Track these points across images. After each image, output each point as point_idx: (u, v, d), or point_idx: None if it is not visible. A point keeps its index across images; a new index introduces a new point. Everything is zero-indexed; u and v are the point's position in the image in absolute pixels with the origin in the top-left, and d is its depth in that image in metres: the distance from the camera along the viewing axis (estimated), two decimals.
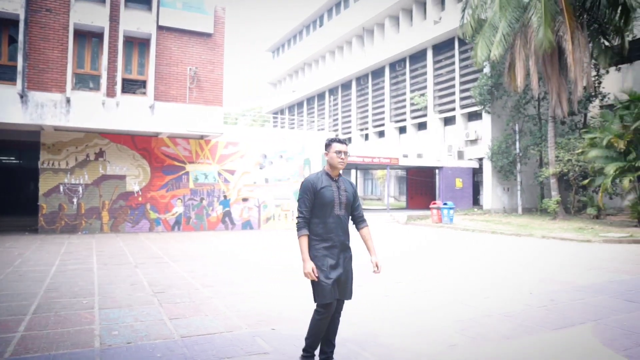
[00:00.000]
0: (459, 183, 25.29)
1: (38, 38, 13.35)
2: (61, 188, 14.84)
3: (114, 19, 14.10)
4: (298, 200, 3.65)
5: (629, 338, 4.60)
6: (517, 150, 23.69)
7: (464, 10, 21.24)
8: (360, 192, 38.76)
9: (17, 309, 5.37)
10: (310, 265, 3.46)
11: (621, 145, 16.15)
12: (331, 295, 3.48)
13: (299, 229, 3.58)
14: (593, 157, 17.57)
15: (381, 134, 34.73)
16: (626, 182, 16.03)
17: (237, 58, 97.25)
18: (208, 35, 15.66)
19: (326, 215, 3.58)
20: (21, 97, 12.96)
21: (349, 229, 3.69)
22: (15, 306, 5.51)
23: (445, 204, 20.31)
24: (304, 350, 3.69)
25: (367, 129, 35.92)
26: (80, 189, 15.07)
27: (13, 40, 13.48)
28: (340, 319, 3.75)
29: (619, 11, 17.63)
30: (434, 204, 20.70)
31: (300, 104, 47.17)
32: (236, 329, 4.78)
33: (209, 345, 4.24)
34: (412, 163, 25.51)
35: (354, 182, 36.02)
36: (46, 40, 13.45)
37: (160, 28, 14.84)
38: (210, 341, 4.37)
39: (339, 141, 3.70)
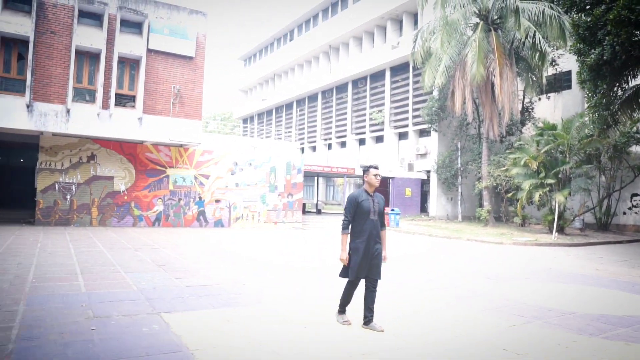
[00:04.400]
0: (408, 192, 28.46)
1: (43, 56, 15.54)
2: (56, 186, 16.96)
3: (110, 42, 16.40)
4: (344, 209, 5.11)
5: (469, 292, 7.53)
6: (459, 165, 27.04)
7: (415, 41, 24.37)
8: (322, 197, 41.60)
9: (68, 271, 7.84)
10: (345, 254, 5.02)
11: (534, 165, 19.52)
12: (358, 274, 5.01)
13: (342, 228, 5.09)
14: (514, 174, 20.93)
15: (343, 144, 37.71)
16: (537, 196, 19.41)
17: (210, 63, 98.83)
18: (190, 58, 18.13)
19: (364, 220, 5.01)
20: (28, 107, 15.11)
21: (380, 229, 5.20)
22: (65, 270, 7.96)
23: (392, 210, 23.34)
24: (339, 307, 5.30)
25: (330, 139, 38.84)
26: (73, 187, 17.22)
27: (21, 57, 15.62)
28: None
29: (537, 53, 21.10)
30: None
31: (269, 112, 49.72)
32: (221, 283, 7.43)
33: (206, 289, 6.90)
34: None
35: (315, 188, 38.91)
36: (50, 58, 15.65)
37: (149, 51, 17.22)
38: (206, 288, 7.02)
39: (375, 167, 5.20)
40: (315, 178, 34.54)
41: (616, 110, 14.11)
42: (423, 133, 30.21)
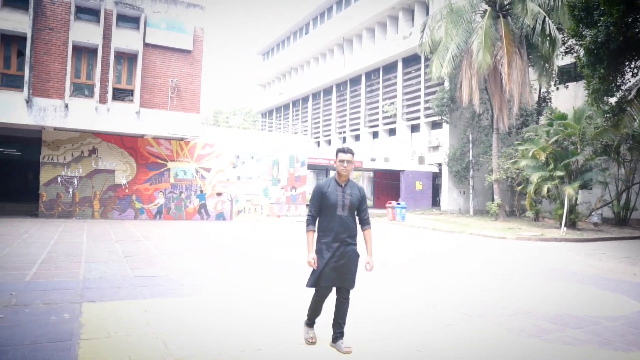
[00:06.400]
0: (419, 185, 27.92)
1: (42, 52, 15.85)
2: (59, 179, 17.34)
3: (106, 36, 16.60)
4: (309, 201, 4.26)
5: (425, 288, 7.22)
6: (471, 158, 26.32)
7: (423, 31, 23.77)
8: None
9: (29, 260, 7.94)
10: (312, 255, 4.08)
11: (542, 157, 18.75)
12: (320, 282, 4.09)
13: (306, 224, 4.20)
14: (523, 166, 20.17)
15: (357, 137, 37.33)
16: (545, 189, 18.64)
17: (230, 59, 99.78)
18: (188, 51, 18.17)
19: (330, 215, 4.11)
20: (27, 102, 15.46)
21: (355, 227, 4.22)
22: (27, 260, 8.06)
23: (398, 204, 22.92)
24: (306, 318, 4.37)
25: (344, 132, 38.51)
26: (75, 180, 17.57)
27: (21, 54, 15.98)
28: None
29: (547, 41, 20.21)
30: (389, 203, 23.31)
31: (286, 106, 49.70)
32: (173, 274, 7.36)
33: (152, 280, 6.84)
34: (378, 166, 28.17)
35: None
36: (49, 54, 15.95)
37: (146, 45, 17.35)
38: (153, 279, 6.96)
39: (343, 151, 4.18)
40: (325, 172, 34.35)
41: (632, 98, 13.31)
42: (435, 125, 29.56)
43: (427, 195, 28.49)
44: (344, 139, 38.90)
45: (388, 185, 30.99)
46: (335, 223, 4.10)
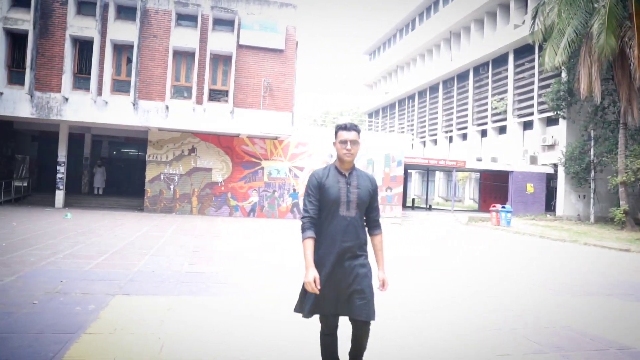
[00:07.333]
0: (530, 188, 25.31)
1: (147, 58, 17.11)
2: (162, 177, 18.60)
3: (203, 40, 17.39)
4: (304, 196, 3.11)
5: (496, 305, 6.17)
6: (592, 157, 23.17)
7: (534, 17, 21.50)
8: (442, 193, 39.40)
9: (102, 250, 8.38)
10: (312, 274, 2.85)
11: None
12: (316, 309, 2.97)
13: (303, 230, 2.99)
14: None
15: (464, 136, 35.12)
16: None
17: (340, 61, 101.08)
18: (280, 51, 18.35)
19: (330, 216, 3.02)
20: (133, 104, 16.77)
21: (365, 233, 3.16)
22: (101, 249, 8.52)
23: (503, 207, 20.94)
24: None
25: (451, 131, 36.49)
26: (176, 178, 18.71)
27: (129, 61, 17.40)
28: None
29: None
30: (494, 207, 21.40)
31: (392, 106, 48.64)
32: (222, 272, 7.20)
33: (199, 277, 6.73)
34: (484, 166, 26.12)
35: (426, 183, 36.67)
36: (152, 60, 17.16)
37: (240, 46, 17.86)
38: (202, 275, 6.85)
39: (345, 128, 3.05)
40: (425, 173, 32.84)
41: None
42: (550, 122, 26.56)
43: (539, 199, 25.72)
44: (451, 139, 36.90)
45: (495, 187, 28.61)
46: (338, 227, 2.99)
